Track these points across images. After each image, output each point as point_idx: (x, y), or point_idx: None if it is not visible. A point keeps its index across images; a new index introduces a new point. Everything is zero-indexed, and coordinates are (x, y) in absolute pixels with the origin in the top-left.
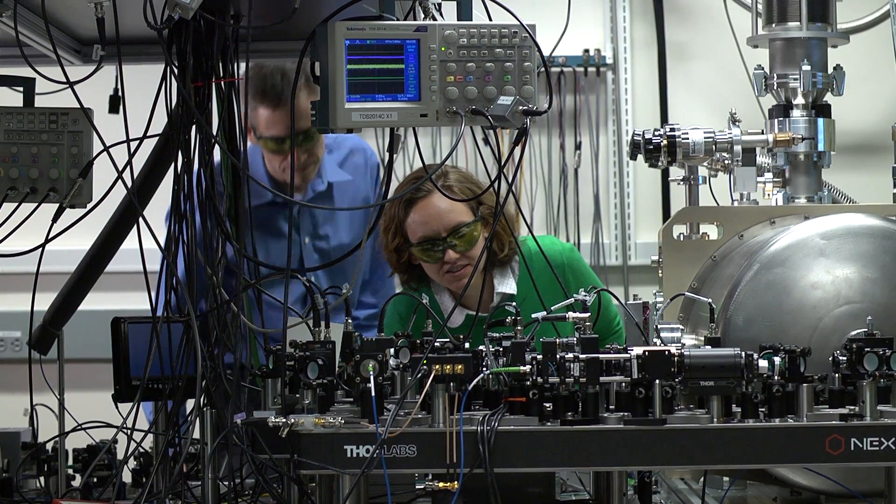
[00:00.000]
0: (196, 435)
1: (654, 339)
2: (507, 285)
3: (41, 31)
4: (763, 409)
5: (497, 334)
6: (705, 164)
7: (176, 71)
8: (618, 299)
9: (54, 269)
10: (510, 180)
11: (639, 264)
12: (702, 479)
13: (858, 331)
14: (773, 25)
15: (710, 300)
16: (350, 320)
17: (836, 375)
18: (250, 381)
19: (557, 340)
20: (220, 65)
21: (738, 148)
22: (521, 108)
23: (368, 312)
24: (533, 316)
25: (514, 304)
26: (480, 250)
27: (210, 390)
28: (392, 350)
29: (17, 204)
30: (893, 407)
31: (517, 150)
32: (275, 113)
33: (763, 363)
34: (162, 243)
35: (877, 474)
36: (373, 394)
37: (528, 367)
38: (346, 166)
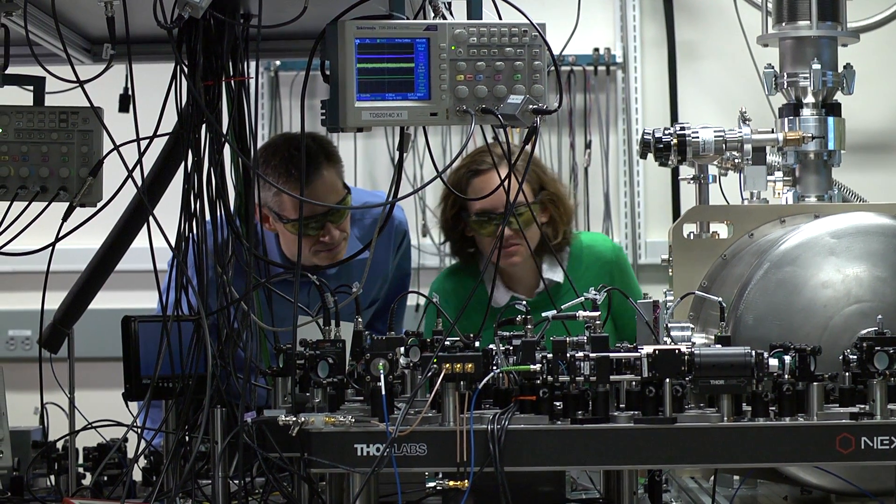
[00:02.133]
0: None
1: (665, 338)
2: (554, 273)
3: (51, 30)
4: (773, 408)
5: (508, 332)
6: (715, 162)
7: (186, 70)
8: (628, 297)
9: (64, 268)
10: (520, 179)
11: (649, 263)
12: (712, 478)
13: (869, 330)
14: (784, 24)
15: (720, 299)
16: (360, 319)
17: (847, 374)
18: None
19: (567, 339)
20: (231, 64)
21: (748, 147)
22: (531, 106)
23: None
24: (544, 315)
25: (524, 303)
26: (535, 233)
27: (220, 389)
28: (402, 349)
29: (27, 203)
30: None
31: (527, 148)
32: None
33: (773, 362)
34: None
35: (887, 473)
36: (383, 392)
37: (538, 366)
38: (366, 240)
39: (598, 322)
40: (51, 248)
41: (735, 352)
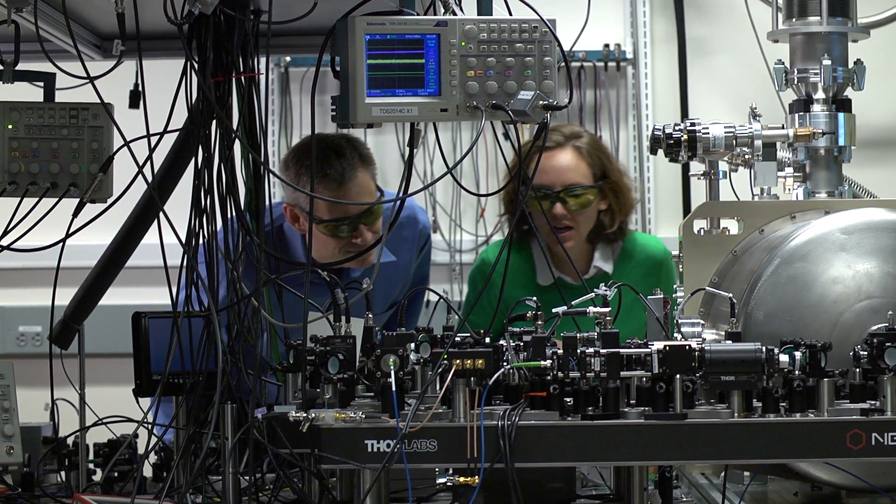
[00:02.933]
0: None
1: (675, 334)
2: (604, 262)
3: (61, 27)
4: (784, 404)
5: (518, 328)
6: (726, 158)
7: (196, 66)
8: (638, 294)
9: (75, 264)
10: (531, 175)
11: None
12: (722, 474)
13: (879, 325)
14: (794, 20)
15: (730, 295)
16: (370, 315)
17: (857, 370)
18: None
19: (578, 335)
20: (241, 60)
21: (758, 143)
22: (541, 102)
23: None
24: (554, 310)
25: (534, 299)
26: (592, 219)
27: (231, 385)
28: (413, 345)
29: (37, 199)
30: None
31: (538, 144)
32: (337, 194)
33: (784, 358)
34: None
35: None
36: (393, 388)
37: (548, 362)
38: (391, 244)
39: (608, 318)
40: (61, 244)
41: (745, 348)
